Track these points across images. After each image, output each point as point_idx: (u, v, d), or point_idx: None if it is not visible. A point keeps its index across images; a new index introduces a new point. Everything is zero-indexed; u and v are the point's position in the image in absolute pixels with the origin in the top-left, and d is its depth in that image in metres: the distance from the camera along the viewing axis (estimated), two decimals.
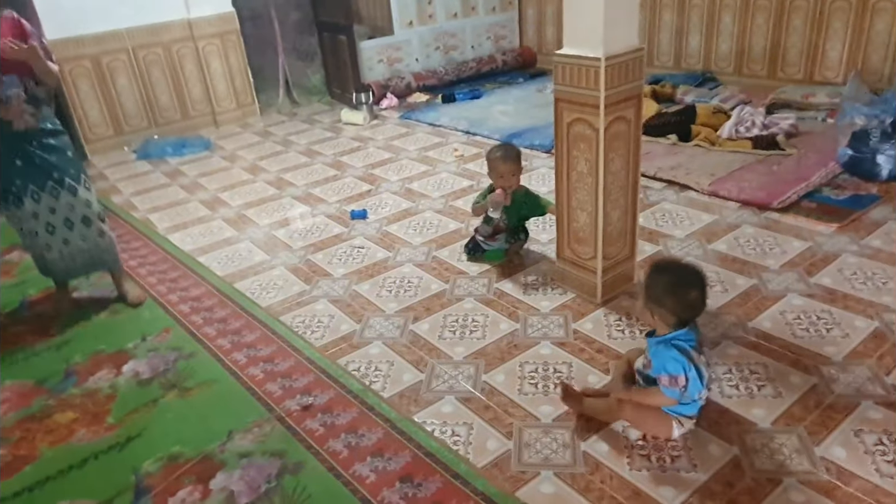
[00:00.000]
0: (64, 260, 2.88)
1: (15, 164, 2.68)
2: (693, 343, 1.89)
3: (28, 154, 2.70)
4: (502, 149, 3.01)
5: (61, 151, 2.79)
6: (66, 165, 2.79)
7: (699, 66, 5.80)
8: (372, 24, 6.73)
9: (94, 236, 2.89)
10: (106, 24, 5.21)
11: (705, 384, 1.90)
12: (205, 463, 2.04)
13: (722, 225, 3.26)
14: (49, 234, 2.80)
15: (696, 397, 1.90)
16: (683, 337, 1.88)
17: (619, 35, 2.28)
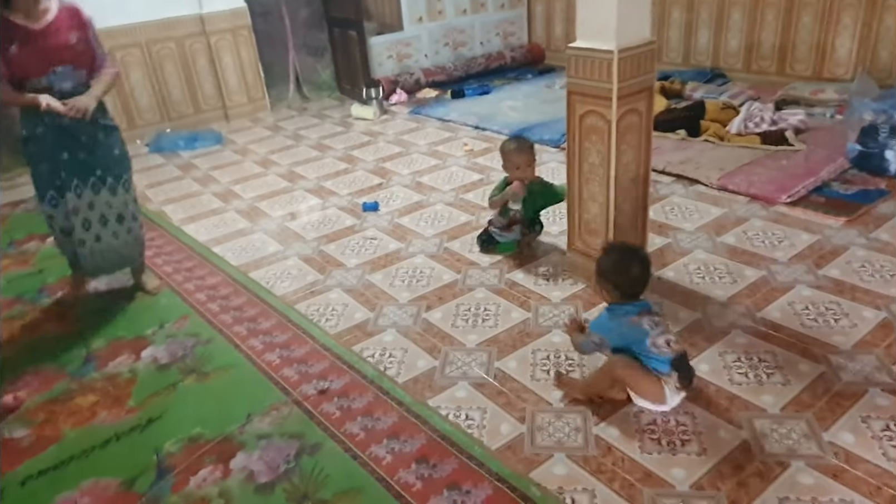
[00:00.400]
0: (94, 256, 2.84)
1: (62, 157, 2.65)
2: (638, 309, 2.05)
3: (76, 148, 2.66)
4: (516, 141, 3.07)
5: (109, 148, 2.76)
6: (111, 163, 2.77)
7: (708, 63, 5.81)
8: (381, 21, 6.77)
9: (125, 234, 2.88)
10: (120, 18, 5.26)
11: (650, 339, 1.99)
12: (225, 444, 2.09)
13: (731, 218, 3.29)
14: (84, 229, 2.77)
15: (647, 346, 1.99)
16: (628, 307, 2.06)
17: (632, 28, 2.32)
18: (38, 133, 2.62)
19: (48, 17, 2.55)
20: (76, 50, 2.60)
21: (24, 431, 2.24)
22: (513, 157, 3.00)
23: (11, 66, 2.52)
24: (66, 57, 2.57)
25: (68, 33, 2.58)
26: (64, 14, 2.58)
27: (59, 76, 2.58)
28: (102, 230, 2.81)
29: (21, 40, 2.49)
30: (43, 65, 2.54)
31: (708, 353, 2.32)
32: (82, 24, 2.62)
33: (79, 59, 2.61)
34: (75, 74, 2.61)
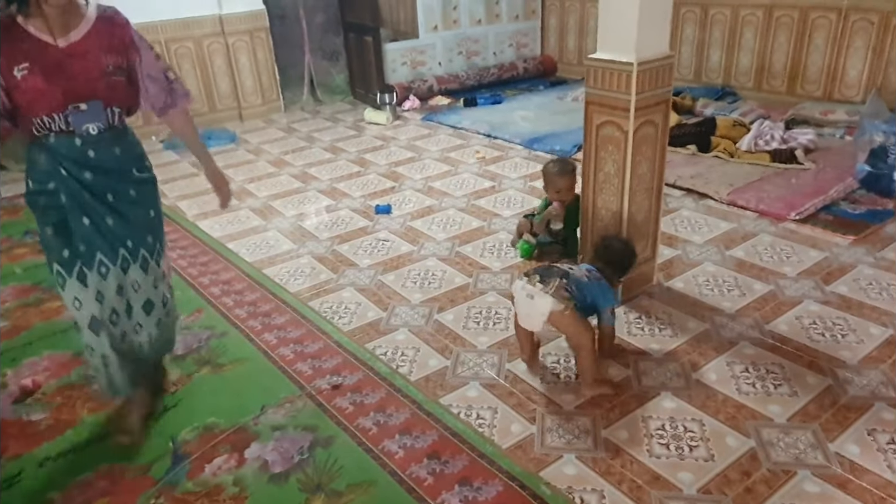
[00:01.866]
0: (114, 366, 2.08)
1: (82, 224, 1.90)
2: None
3: (102, 211, 1.92)
4: (559, 164, 3.08)
5: (143, 208, 2.03)
6: (143, 230, 2.03)
7: (719, 81, 5.88)
8: (395, 28, 6.85)
9: (153, 328, 2.14)
10: (142, 16, 5.30)
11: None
12: (239, 434, 2.13)
13: (740, 233, 3.34)
14: (112, 323, 2.04)
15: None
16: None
17: (652, 42, 2.37)
18: (50, 189, 1.88)
19: (79, 32, 1.80)
20: (111, 80, 1.85)
21: (42, 414, 2.28)
22: (555, 180, 3.04)
23: (15, 94, 1.76)
24: (97, 89, 1.82)
25: (103, 56, 1.82)
26: (102, 27, 1.83)
27: (84, 115, 1.82)
28: (127, 323, 2.09)
29: (34, 60, 1.75)
30: (61, 97, 1.78)
31: (716, 363, 2.35)
32: (125, 43, 1.87)
33: (114, 93, 1.87)
34: (106, 113, 1.86)
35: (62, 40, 1.78)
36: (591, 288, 2.28)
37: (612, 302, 2.34)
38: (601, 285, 2.31)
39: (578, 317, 2.17)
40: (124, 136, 1.96)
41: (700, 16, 5.84)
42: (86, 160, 1.88)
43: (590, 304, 2.28)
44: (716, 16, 5.72)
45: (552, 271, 2.24)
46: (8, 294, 3.12)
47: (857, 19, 4.88)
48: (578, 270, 2.34)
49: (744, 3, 5.49)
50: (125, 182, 1.98)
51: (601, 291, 2.30)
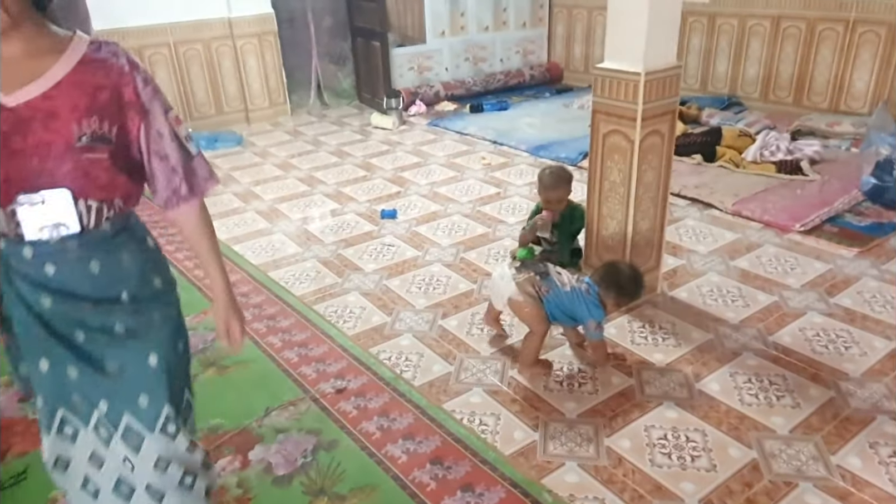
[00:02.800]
0: None
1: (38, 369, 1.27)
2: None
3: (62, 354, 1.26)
4: (555, 173, 2.94)
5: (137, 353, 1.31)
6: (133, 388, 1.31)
7: (725, 90, 5.89)
8: (402, 33, 6.88)
9: None
10: (151, 18, 5.38)
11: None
12: (243, 435, 2.14)
13: (744, 243, 3.34)
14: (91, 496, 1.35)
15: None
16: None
17: (659, 52, 2.38)
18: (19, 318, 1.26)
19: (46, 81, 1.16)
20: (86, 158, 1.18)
21: None
22: (546, 192, 2.92)
23: None
24: (60, 172, 1.17)
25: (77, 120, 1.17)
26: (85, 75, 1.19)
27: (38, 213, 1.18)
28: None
29: None
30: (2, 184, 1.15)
31: (719, 373, 2.36)
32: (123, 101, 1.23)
33: (89, 178, 1.20)
34: (77, 209, 1.20)
35: (9, 97, 1.13)
36: (572, 299, 2.31)
37: (593, 317, 2.31)
38: (587, 300, 2.30)
39: (535, 312, 2.32)
40: (116, 242, 1.28)
41: (707, 25, 5.85)
42: (42, 280, 1.22)
43: (569, 315, 2.34)
44: (723, 26, 5.74)
45: (536, 267, 2.41)
46: None
47: (865, 31, 4.89)
48: (567, 278, 2.37)
49: (751, 13, 5.50)
50: (108, 313, 1.28)
51: (585, 305, 2.30)
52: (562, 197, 2.98)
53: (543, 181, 2.98)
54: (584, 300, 2.31)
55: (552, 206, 2.96)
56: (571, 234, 3.05)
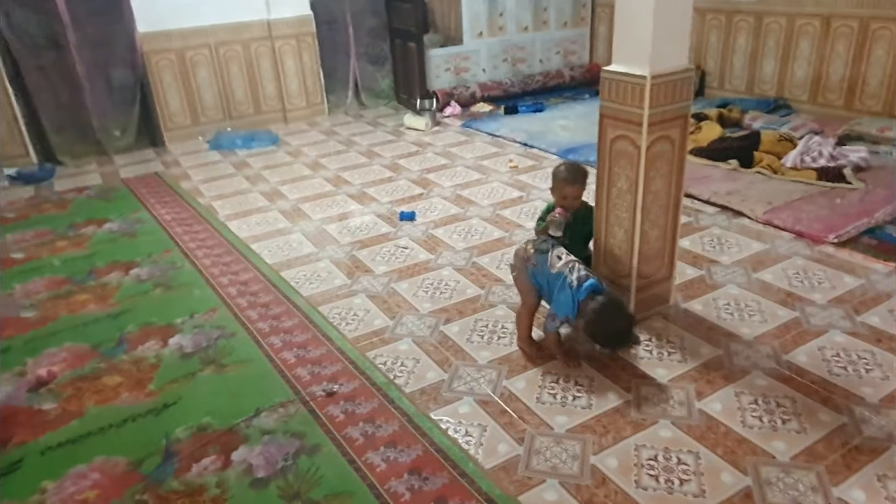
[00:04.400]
0: None
1: None
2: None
3: None
4: (570, 169, 2.79)
5: None
6: None
7: (772, 92, 5.63)
8: (446, 34, 6.87)
9: None
10: (193, 20, 5.54)
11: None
12: (230, 435, 2.16)
13: (771, 254, 3.17)
14: None
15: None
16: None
17: (668, 55, 2.28)
18: None
19: None
20: None
21: (52, 404, 2.37)
22: (563, 186, 2.75)
23: None
24: None
25: None
26: None
27: None
28: None
29: None
30: None
31: (723, 392, 2.24)
32: None
33: None
34: None
35: None
36: (553, 282, 2.36)
37: (559, 310, 2.34)
38: (567, 293, 2.30)
39: (521, 282, 2.49)
40: None
41: (754, 25, 5.60)
42: None
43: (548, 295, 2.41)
44: (770, 25, 5.48)
45: (543, 244, 2.47)
46: (42, 285, 3.28)
47: None
48: (563, 263, 2.37)
49: (800, 12, 5.24)
50: None
51: (561, 295, 2.33)
52: (577, 193, 2.82)
53: (560, 175, 2.79)
54: (564, 290, 2.30)
55: (567, 203, 2.81)
56: (584, 238, 2.92)
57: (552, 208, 2.92)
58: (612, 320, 2.28)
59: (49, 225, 4.04)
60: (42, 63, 5.09)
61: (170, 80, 5.60)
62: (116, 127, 5.51)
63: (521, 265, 2.48)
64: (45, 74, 5.12)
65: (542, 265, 2.40)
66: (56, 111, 5.24)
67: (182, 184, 4.72)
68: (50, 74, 5.14)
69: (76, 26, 5.08)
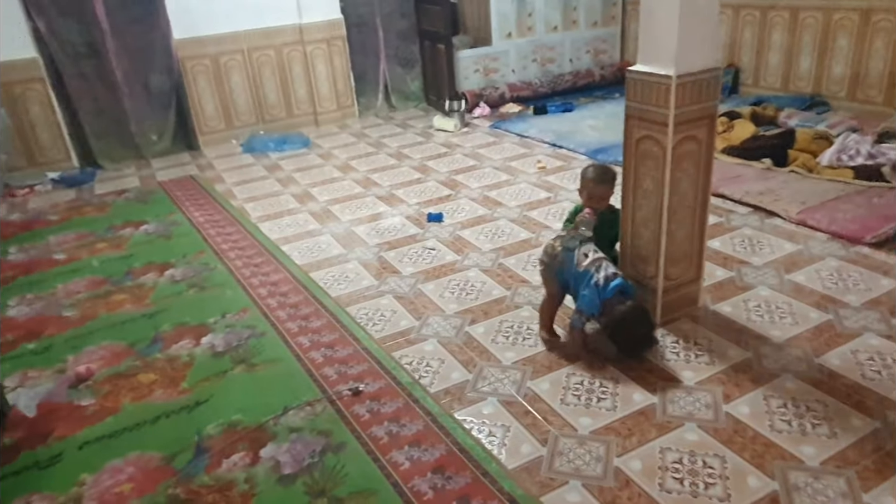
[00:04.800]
0: None
1: None
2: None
3: None
4: (599, 170, 2.79)
5: None
6: None
7: (808, 89, 5.49)
8: (476, 35, 6.88)
9: None
10: (227, 26, 5.66)
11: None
12: (259, 433, 2.21)
13: (805, 256, 3.11)
14: None
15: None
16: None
17: (694, 54, 2.25)
18: None
19: None
20: None
21: (91, 400, 2.46)
22: (591, 187, 2.74)
23: None
24: None
25: None
26: None
27: None
28: None
29: None
30: None
31: (752, 396, 2.21)
32: None
33: None
34: None
35: None
36: (578, 279, 2.41)
37: (582, 308, 2.40)
38: (592, 290, 2.35)
39: (545, 274, 2.57)
40: None
41: (789, 20, 5.48)
42: None
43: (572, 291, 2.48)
44: (806, 20, 5.36)
45: (571, 242, 2.49)
46: (82, 285, 3.39)
47: None
48: (589, 262, 2.41)
49: (837, 6, 5.10)
50: None
51: (587, 293, 2.37)
52: (606, 194, 2.79)
53: (588, 175, 2.78)
54: (590, 288, 2.35)
55: (594, 204, 2.80)
56: (610, 240, 2.90)
57: (580, 210, 2.91)
58: (634, 327, 2.35)
59: (89, 227, 4.18)
60: (83, 70, 5.26)
61: (204, 85, 5.74)
62: (153, 131, 5.67)
63: (548, 261, 2.54)
64: (85, 81, 5.29)
65: (569, 263, 2.44)
66: (96, 117, 5.42)
67: (216, 186, 4.83)
68: (90, 81, 5.31)
69: (115, 34, 5.24)
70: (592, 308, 2.36)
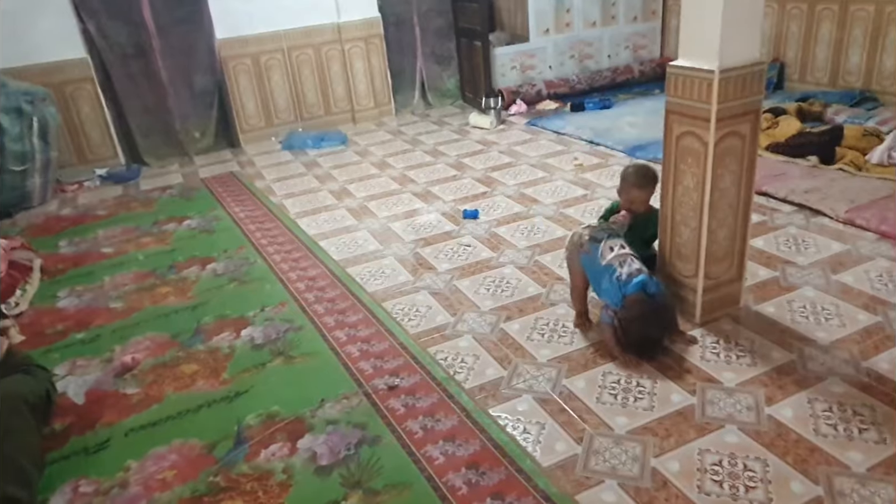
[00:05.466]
0: None
1: None
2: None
3: None
4: (639, 174, 2.75)
5: None
6: None
7: (858, 84, 5.31)
8: (513, 31, 6.85)
9: None
10: (268, 26, 5.76)
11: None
12: (296, 424, 2.25)
13: (853, 256, 3.01)
14: None
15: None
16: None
17: (737, 48, 2.21)
18: None
19: None
20: None
21: (136, 389, 2.54)
22: (630, 190, 2.74)
23: None
24: None
25: None
26: None
27: None
28: None
29: None
30: None
31: (795, 398, 2.15)
32: None
33: None
34: None
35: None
36: (601, 274, 2.45)
37: (605, 299, 2.46)
38: (613, 284, 2.38)
39: (570, 262, 2.66)
40: None
41: (839, 13, 5.31)
42: None
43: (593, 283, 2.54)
44: (857, 13, 5.18)
45: (599, 233, 2.54)
46: (129, 278, 3.50)
47: None
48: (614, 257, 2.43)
49: None
50: None
51: (609, 287, 2.40)
52: (645, 198, 2.77)
53: (629, 179, 2.76)
54: (612, 283, 2.39)
55: (635, 207, 2.76)
56: (646, 241, 2.85)
57: (616, 208, 2.88)
58: (648, 328, 2.34)
59: (135, 222, 4.31)
60: (130, 70, 5.42)
61: (246, 84, 5.84)
62: (197, 129, 5.80)
63: (574, 249, 2.61)
64: (132, 81, 5.45)
65: (594, 253, 2.49)
66: (142, 115, 5.57)
67: (256, 183, 4.92)
68: (137, 81, 5.47)
69: (161, 35, 5.38)
70: (615, 301, 2.39)
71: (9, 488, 1.90)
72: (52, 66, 5.08)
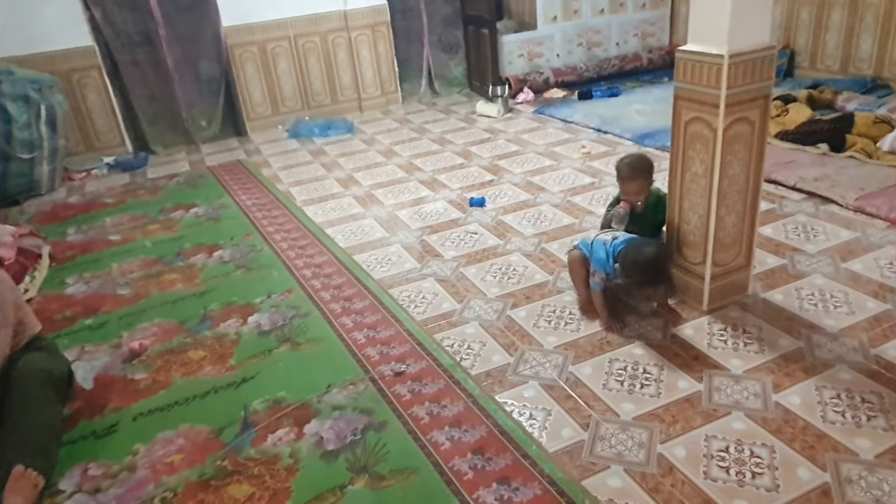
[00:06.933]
0: None
1: None
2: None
3: None
4: (629, 166, 2.77)
5: None
6: None
7: (869, 72, 5.25)
8: (521, 19, 6.81)
9: None
10: (274, 13, 5.74)
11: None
12: (303, 409, 2.26)
13: (862, 243, 2.99)
14: None
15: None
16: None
17: (747, 32, 2.18)
18: None
19: None
20: None
21: (144, 375, 2.55)
22: (624, 182, 2.77)
23: None
24: None
25: None
26: None
27: None
28: None
29: None
30: None
31: (803, 386, 2.14)
32: None
33: None
34: None
35: None
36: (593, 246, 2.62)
37: (596, 266, 2.57)
38: (600, 251, 2.55)
39: (573, 261, 2.72)
40: None
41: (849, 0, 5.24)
42: None
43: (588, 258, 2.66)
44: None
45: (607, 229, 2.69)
46: (136, 265, 3.51)
47: None
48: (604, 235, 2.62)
49: None
50: None
51: (601, 252, 2.55)
52: (639, 188, 2.77)
53: (621, 172, 2.80)
54: (600, 248, 2.55)
55: (630, 198, 2.78)
56: (656, 225, 2.84)
57: (617, 201, 2.88)
58: (641, 250, 2.43)
59: (142, 209, 4.32)
60: (136, 58, 5.42)
61: (252, 72, 5.84)
62: (203, 117, 5.80)
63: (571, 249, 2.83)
64: (139, 69, 5.45)
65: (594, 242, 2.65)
66: (149, 103, 5.58)
67: (262, 171, 4.92)
68: (143, 69, 5.46)
69: (167, 23, 5.38)
70: (605, 266, 2.52)
71: (27, 458, 1.96)
72: (58, 53, 5.09)
